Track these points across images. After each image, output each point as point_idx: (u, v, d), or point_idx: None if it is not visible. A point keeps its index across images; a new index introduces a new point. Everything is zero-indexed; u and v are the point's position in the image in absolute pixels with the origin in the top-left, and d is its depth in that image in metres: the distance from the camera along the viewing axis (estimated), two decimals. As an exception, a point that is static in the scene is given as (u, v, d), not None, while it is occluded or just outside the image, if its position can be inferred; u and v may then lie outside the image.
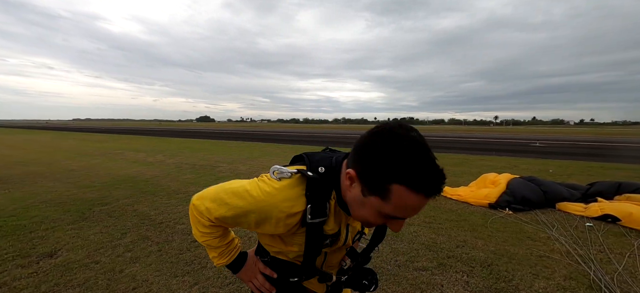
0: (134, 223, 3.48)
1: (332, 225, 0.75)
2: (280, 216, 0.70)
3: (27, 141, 16.51)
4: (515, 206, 3.96)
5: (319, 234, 0.74)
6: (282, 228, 0.73)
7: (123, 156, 9.84)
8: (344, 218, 0.77)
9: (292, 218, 0.70)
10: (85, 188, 5.24)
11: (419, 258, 2.64)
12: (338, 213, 0.75)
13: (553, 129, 70.00)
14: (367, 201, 0.63)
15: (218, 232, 0.81)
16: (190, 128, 57.70)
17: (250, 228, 0.76)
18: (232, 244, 0.87)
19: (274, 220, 0.70)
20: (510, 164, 8.07)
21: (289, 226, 0.72)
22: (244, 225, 0.75)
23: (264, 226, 0.73)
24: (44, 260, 2.61)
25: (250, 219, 0.72)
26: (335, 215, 0.75)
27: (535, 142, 18.60)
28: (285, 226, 0.72)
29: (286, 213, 0.69)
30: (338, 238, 0.79)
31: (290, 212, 0.69)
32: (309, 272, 0.84)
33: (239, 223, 0.75)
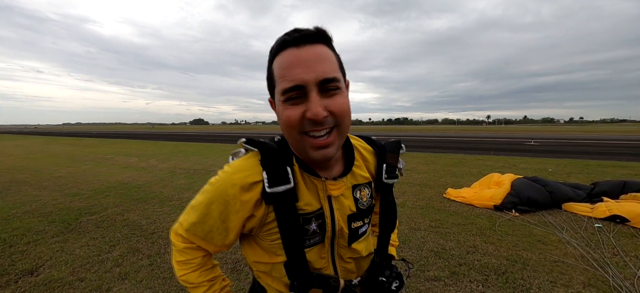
0: (123, 234, 3.26)
1: (307, 198, 0.64)
2: (236, 191, 0.61)
3: (14, 147, 15.96)
4: (521, 208, 3.86)
5: (290, 211, 0.62)
6: (245, 210, 0.62)
7: (114, 161, 9.53)
8: (321, 190, 0.66)
9: (249, 192, 0.61)
10: (73, 196, 4.98)
11: (429, 266, 2.49)
12: (309, 182, 0.65)
13: (544, 128, 71.19)
14: (277, 101, 0.60)
15: (195, 258, 0.70)
16: (184, 131, 56.97)
17: (221, 235, 0.65)
18: (216, 284, 0.73)
19: (231, 199, 0.61)
20: (508, 164, 8.03)
21: (250, 205, 0.62)
22: (215, 233, 0.65)
23: (229, 219, 0.63)
24: (23, 278, 2.39)
25: (214, 214, 0.63)
26: (307, 185, 0.65)
27: (529, 141, 18.75)
28: (244, 205, 0.61)
29: (240, 184, 0.61)
30: (323, 217, 0.66)
31: (244, 183, 0.61)
32: (302, 272, 0.65)
33: (209, 231, 0.65)
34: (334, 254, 0.69)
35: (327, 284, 0.67)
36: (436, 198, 4.60)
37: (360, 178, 0.72)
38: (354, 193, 0.71)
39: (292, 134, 0.59)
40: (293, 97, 0.56)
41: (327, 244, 0.68)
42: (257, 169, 0.62)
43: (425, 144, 16.19)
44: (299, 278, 0.66)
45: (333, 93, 0.57)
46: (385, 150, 0.76)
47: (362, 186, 0.72)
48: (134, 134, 37.74)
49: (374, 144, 0.78)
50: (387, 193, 0.76)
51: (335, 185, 0.67)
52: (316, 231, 0.66)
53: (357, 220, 0.71)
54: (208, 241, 0.67)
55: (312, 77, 0.55)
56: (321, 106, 0.55)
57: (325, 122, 0.57)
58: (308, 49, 0.55)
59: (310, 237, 0.65)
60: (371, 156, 0.76)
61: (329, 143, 0.58)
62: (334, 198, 0.67)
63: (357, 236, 0.71)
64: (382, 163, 0.74)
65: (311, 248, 0.66)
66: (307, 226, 0.65)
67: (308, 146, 0.59)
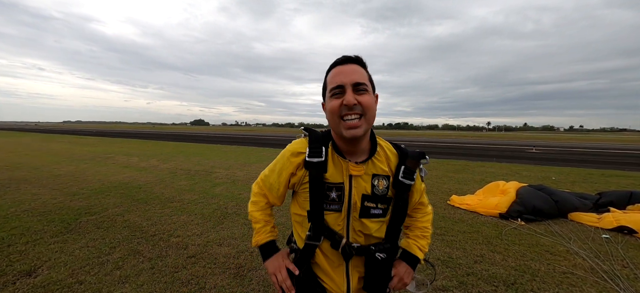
0: (124, 236, 3.21)
1: (332, 171, 0.89)
2: (289, 155, 0.94)
3: (14, 144, 15.90)
4: (527, 217, 3.81)
5: (319, 177, 0.88)
6: (291, 168, 0.93)
7: (114, 161, 9.48)
8: (345, 170, 0.90)
9: (296, 157, 0.92)
10: (73, 195, 4.92)
11: (436, 275, 2.44)
12: (337, 161, 0.90)
13: (545, 135, 71.20)
14: (326, 99, 0.89)
15: (261, 201, 1.04)
16: (185, 131, 56.94)
17: (278, 186, 0.97)
18: (268, 226, 1.03)
19: (286, 159, 0.94)
20: (511, 171, 7.98)
21: (294, 165, 0.92)
22: (274, 184, 0.98)
23: (283, 174, 0.95)
24: (21, 279, 2.34)
25: (277, 169, 0.97)
26: (335, 163, 0.90)
27: (531, 148, 18.73)
28: (292, 164, 0.93)
29: (291, 151, 0.94)
30: (343, 190, 0.89)
31: (294, 150, 0.94)
32: (318, 223, 0.90)
33: (272, 183, 0.98)
34: (349, 224, 0.91)
35: (333, 237, 0.91)
36: (440, 204, 4.55)
37: (379, 170, 0.92)
38: (372, 180, 0.91)
39: (334, 118, 0.85)
40: (336, 93, 0.84)
41: (343, 213, 0.90)
42: (305, 145, 0.92)
43: (427, 150, 16.08)
44: (314, 226, 0.91)
45: (362, 93, 0.84)
46: (407, 156, 0.94)
47: (381, 177, 0.92)
48: (135, 133, 37.71)
49: (399, 149, 0.97)
50: (402, 190, 0.93)
51: (356, 167, 0.90)
52: (335, 200, 0.89)
53: (371, 201, 0.91)
54: (270, 190, 1.01)
55: (348, 80, 0.84)
56: (353, 97, 0.82)
57: (355, 109, 0.82)
58: (348, 66, 0.86)
59: (330, 203, 0.89)
60: (394, 157, 0.95)
61: (358, 125, 0.83)
62: (354, 177, 0.89)
63: (368, 214, 0.91)
64: (401, 165, 0.93)
65: (330, 213, 0.90)
66: (328, 192, 0.89)
67: (343, 127, 0.83)
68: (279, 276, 0.97)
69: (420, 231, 1.06)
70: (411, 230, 1.07)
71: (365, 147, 0.91)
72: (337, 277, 0.94)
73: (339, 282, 0.94)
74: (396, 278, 0.99)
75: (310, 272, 0.96)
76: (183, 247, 2.94)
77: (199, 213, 4.05)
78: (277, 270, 0.97)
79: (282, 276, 0.96)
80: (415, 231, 1.06)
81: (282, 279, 0.96)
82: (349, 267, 0.93)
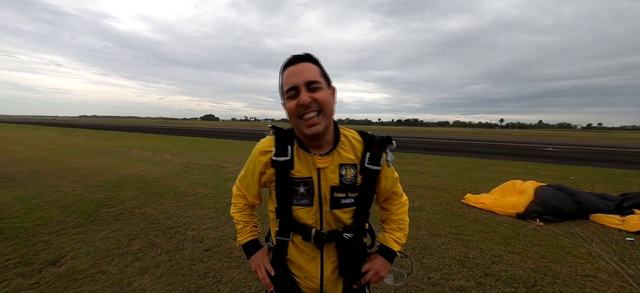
0: (141, 228, 3.29)
1: (298, 167, 0.91)
2: (257, 154, 0.97)
3: (35, 138, 16.54)
4: (546, 217, 3.70)
5: (285, 175, 0.91)
6: (260, 167, 0.96)
7: (129, 155, 9.73)
8: (311, 163, 0.91)
9: (264, 156, 0.95)
10: (92, 187, 5.08)
11: (453, 275, 2.40)
12: (303, 157, 0.92)
13: (560, 133, 68.95)
14: (284, 100, 0.89)
15: (240, 203, 1.08)
16: (196, 126, 57.89)
17: (252, 185, 1.01)
18: (248, 226, 1.08)
19: (255, 159, 0.97)
20: (527, 170, 7.76)
21: (262, 164, 0.95)
22: (250, 184, 1.01)
23: (255, 172, 0.98)
24: (47, 268, 2.43)
25: (250, 169, 1.00)
26: (301, 158, 0.92)
27: (547, 146, 18.17)
28: (260, 163, 0.96)
29: (259, 150, 0.97)
30: (311, 184, 0.90)
31: (262, 150, 0.96)
32: (286, 219, 0.93)
33: (248, 183, 1.02)
34: (322, 217, 0.92)
35: (302, 230, 0.92)
36: (454, 203, 4.47)
37: (345, 159, 0.93)
38: (340, 170, 0.92)
39: (293, 119, 0.87)
40: (292, 95, 0.86)
41: (315, 207, 0.92)
42: (272, 143, 0.94)
43: (438, 147, 15.90)
44: (282, 222, 0.94)
45: (316, 90, 0.85)
46: (372, 142, 0.95)
47: (348, 166, 0.93)
48: (148, 127, 38.58)
49: (365, 136, 0.98)
50: (369, 176, 0.94)
51: (321, 160, 0.91)
52: (304, 194, 0.91)
53: (340, 191, 0.91)
54: (247, 190, 1.04)
55: (301, 80, 0.84)
56: (307, 96, 0.83)
57: (311, 106, 0.84)
58: (299, 65, 0.86)
59: (300, 198, 0.91)
60: (360, 144, 0.96)
61: (317, 122, 0.85)
62: (321, 170, 0.90)
63: (339, 204, 0.92)
64: (367, 151, 0.94)
65: (301, 208, 0.92)
66: (296, 188, 0.91)
67: (303, 126, 0.85)
68: (259, 273, 1.02)
69: (396, 224, 1.05)
70: (387, 222, 1.08)
71: (329, 139, 0.92)
72: (311, 269, 0.95)
73: (312, 274, 0.95)
74: (372, 271, 1.00)
75: (285, 269, 0.98)
76: (199, 240, 2.99)
77: (213, 207, 4.11)
78: (258, 268, 1.02)
79: (262, 274, 1.01)
80: (391, 224, 1.06)
81: (262, 277, 1.01)
82: (323, 257, 0.95)
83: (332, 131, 0.93)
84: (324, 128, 0.86)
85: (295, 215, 0.93)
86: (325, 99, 0.85)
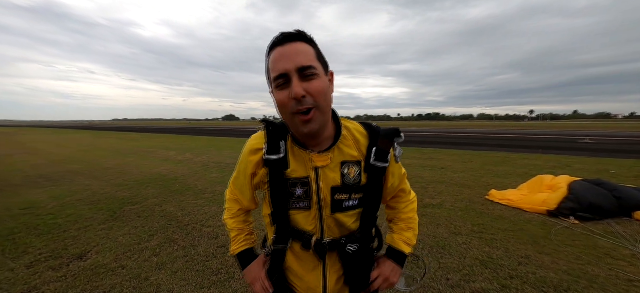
0: (161, 225, 3.41)
1: (294, 166, 0.80)
2: (247, 153, 0.85)
3: (71, 140, 17.85)
4: (582, 214, 3.38)
5: (279, 175, 0.80)
6: (251, 167, 0.84)
7: (154, 155, 10.19)
8: (309, 161, 0.80)
9: (254, 155, 0.83)
10: (118, 186, 5.36)
11: (474, 276, 2.25)
12: (298, 154, 0.80)
13: (599, 124, 63.71)
14: (272, 89, 0.74)
15: (234, 208, 0.96)
16: (216, 126, 59.84)
17: (246, 188, 0.89)
18: (242, 234, 0.96)
19: (246, 158, 0.86)
20: (561, 163, 7.20)
21: (253, 164, 0.84)
22: (244, 186, 0.89)
23: (246, 174, 0.86)
24: (74, 262, 2.57)
25: (241, 169, 0.88)
26: (296, 156, 0.80)
27: (584, 137, 16.82)
28: (251, 163, 0.84)
29: (249, 148, 0.85)
30: (309, 184, 0.79)
31: (252, 148, 0.84)
32: (283, 225, 0.82)
33: (242, 185, 0.90)
34: (322, 221, 0.81)
35: (302, 237, 0.82)
36: (477, 199, 4.23)
37: (348, 156, 0.82)
38: (341, 168, 0.80)
39: (284, 113, 0.74)
40: (280, 84, 0.71)
41: (314, 211, 0.81)
42: (262, 140, 0.82)
43: (461, 141, 15.22)
44: (279, 228, 0.83)
45: (311, 78, 0.70)
46: (378, 135, 0.83)
47: (351, 164, 0.81)
48: (172, 128, 40.40)
49: (369, 129, 0.85)
50: (375, 174, 0.83)
51: (319, 157, 0.80)
52: (301, 197, 0.80)
53: (342, 192, 0.80)
54: (241, 193, 0.92)
55: (292, 66, 0.69)
56: (300, 88, 0.69)
57: (305, 102, 0.69)
58: (289, 46, 0.70)
59: (297, 200, 0.80)
60: (364, 138, 0.84)
61: (311, 119, 0.71)
62: (320, 169, 0.79)
63: (341, 207, 0.81)
64: (373, 146, 0.82)
65: (299, 211, 0.81)
66: (292, 189, 0.80)
67: (298, 123, 0.72)
68: (256, 287, 0.91)
69: (405, 223, 0.94)
70: (395, 222, 0.97)
71: (328, 133, 0.80)
72: (313, 280, 0.85)
73: (314, 285, 0.85)
74: (381, 278, 0.90)
75: (284, 279, 0.88)
76: (214, 237, 3.04)
77: (229, 204, 4.18)
78: (254, 281, 0.92)
79: (259, 288, 0.91)
80: (400, 224, 0.95)
81: (258, 291, 0.91)
82: (326, 266, 0.84)
83: (331, 124, 0.81)
84: (319, 126, 0.74)
85: (293, 220, 0.82)
86: (322, 90, 0.71)
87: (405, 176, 0.94)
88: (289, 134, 0.81)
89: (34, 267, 2.48)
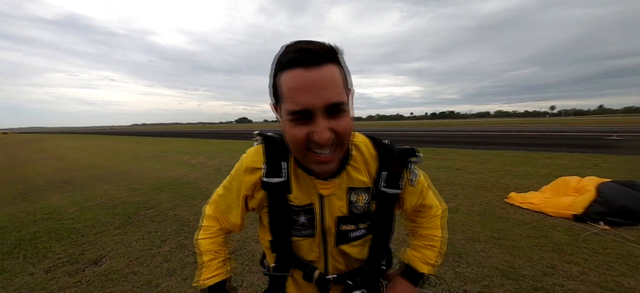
0: (173, 230, 3.44)
1: (296, 192, 0.71)
2: (242, 172, 0.74)
3: (92, 146, 18.65)
4: (612, 219, 3.14)
5: (280, 200, 0.71)
6: (246, 189, 0.74)
7: (169, 159, 10.45)
8: (313, 188, 0.71)
9: (251, 175, 0.73)
10: (134, 191, 5.50)
11: (494, 288, 2.11)
12: (302, 179, 0.72)
13: (628, 119, 60.05)
14: (283, 116, 0.61)
15: (213, 227, 0.83)
16: (230, 129, 61.02)
17: (235, 209, 0.78)
18: (217, 260, 0.81)
19: (239, 178, 0.75)
20: (587, 163, 6.78)
21: (250, 185, 0.73)
22: (232, 206, 0.78)
23: (240, 194, 0.76)
24: (89, 268, 2.62)
25: (234, 189, 0.78)
26: (300, 181, 0.72)
27: (611, 134, 15.86)
28: (246, 185, 0.74)
29: (245, 167, 0.74)
30: (313, 212, 0.71)
31: (248, 166, 0.74)
32: (284, 253, 0.74)
33: (228, 205, 0.79)
34: (327, 253, 0.74)
35: (304, 268, 0.75)
36: (496, 203, 4.03)
37: (357, 182, 0.73)
38: (349, 195, 0.72)
39: (298, 150, 0.63)
40: (298, 119, 0.59)
41: (318, 239, 0.73)
42: (261, 159, 0.72)
43: (477, 140, 14.71)
44: (280, 257, 0.75)
45: (338, 116, 0.59)
46: (390, 156, 0.74)
47: (360, 191, 0.73)
48: (188, 132, 41.51)
49: (380, 148, 0.76)
50: (386, 202, 0.74)
51: (325, 185, 0.71)
52: (305, 225, 0.72)
53: (349, 223, 0.72)
54: (227, 212, 0.80)
55: (320, 103, 0.57)
56: (327, 132, 0.58)
57: (329, 141, 0.60)
58: (316, 72, 0.56)
59: (300, 228, 0.72)
60: (374, 161, 0.75)
61: (331, 160, 0.63)
62: (325, 197, 0.71)
63: (347, 238, 0.73)
64: (382, 170, 0.73)
65: (302, 239, 0.73)
66: (295, 217, 0.72)
67: (311, 161, 0.64)
68: None
69: (426, 240, 0.85)
70: (415, 237, 0.87)
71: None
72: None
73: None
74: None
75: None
76: (224, 243, 3.03)
77: (240, 208, 4.19)
78: None
79: None
80: (419, 240, 0.86)
81: None
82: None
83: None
84: (337, 166, 0.67)
85: (295, 247, 0.75)
86: (348, 130, 0.62)
87: (428, 189, 0.85)
88: (292, 155, 0.71)
89: (52, 272, 2.55)
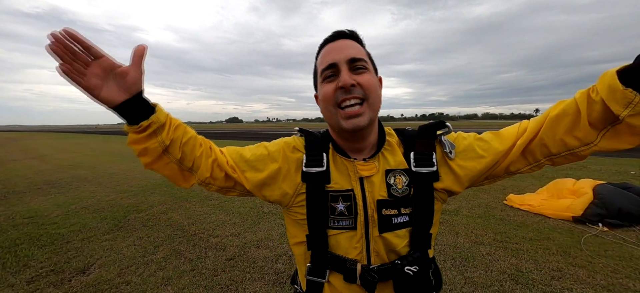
0: (167, 235, 3.27)
1: (336, 177, 0.70)
2: (288, 146, 0.74)
3: (78, 145, 17.93)
4: (611, 221, 3.18)
5: (319, 189, 0.69)
6: (283, 161, 0.72)
7: (159, 159, 10.11)
8: (351, 172, 0.70)
9: (293, 154, 0.73)
10: (123, 193, 5.26)
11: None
12: (340, 163, 0.71)
13: (608, 122, 62.35)
14: (318, 85, 0.71)
15: (209, 145, 0.75)
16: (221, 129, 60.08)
17: (261, 165, 0.73)
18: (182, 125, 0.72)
19: (281, 148, 0.74)
20: (576, 165, 6.92)
21: (287, 160, 0.72)
22: (259, 162, 0.73)
23: (274, 158, 0.73)
24: (76, 277, 2.44)
25: (271, 149, 0.75)
26: (338, 167, 0.71)
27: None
28: (286, 158, 0.72)
29: (292, 144, 0.75)
30: (353, 199, 0.68)
31: (294, 145, 0.74)
32: (320, 250, 0.69)
33: (255, 160, 0.73)
34: (369, 245, 0.68)
35: (343, 266, 0.67)
36: (495, 205, 4.03)
37: (393, 163, 0.71)
38: (387, 178, 0.70)
39: (328, 108, 0.67)
40: (329, 76, 0.67)
41: (359, 231, 0.68)
42: (302, 147, 0.74)
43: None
44: (315, 255, 0.69)
45: (361, 71, 0.66)
46: (415, 136, 0.73)
47: (397, 173, 0.70)
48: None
49: (400, 135, 0.76)
50: (423, 183, 0.69)
51: (365, 166, 0.70)
52: (344, 213, 0.68)
53: (390, 207, 0.68)
54: (242, 159, 0.74)
55: (342, 57, 0.66)
56: (350, 77, 0.64)
57: (354, 91, 0.64)
58: (340, 41, 0.69)
59: (338, 218, 0.68)
60: (400, 146, 0.74)
61: (360, 113, 0.64)
62: (365, 180, 0.69)
63: (390, 225, 0.68)
64: (409, 151, 0.72)
65: (341, 232, 0.67)
66: (334, 204, 0.68)
67: (341, 118, 0.65)
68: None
69: (574, 101, 0.60)
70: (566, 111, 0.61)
71: (373, 141, 0.72)
72: None
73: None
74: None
75: None
76: (222, 248, 2.89)
77: (236, 211, 4.04)
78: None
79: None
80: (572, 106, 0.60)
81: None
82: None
83: (376, 131, 0.73)
84: (367, 121, 0.65)
85: (332, 244, 0.68)
86: (372, 84, 0.66)
87: (493, 133, 0.72)
88: (331, 142, 0.74)
89: (35, 283, 2.36)
